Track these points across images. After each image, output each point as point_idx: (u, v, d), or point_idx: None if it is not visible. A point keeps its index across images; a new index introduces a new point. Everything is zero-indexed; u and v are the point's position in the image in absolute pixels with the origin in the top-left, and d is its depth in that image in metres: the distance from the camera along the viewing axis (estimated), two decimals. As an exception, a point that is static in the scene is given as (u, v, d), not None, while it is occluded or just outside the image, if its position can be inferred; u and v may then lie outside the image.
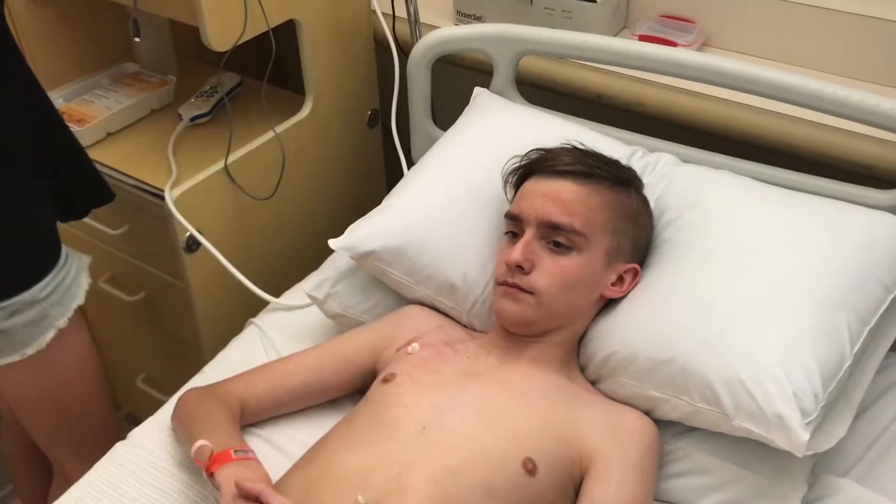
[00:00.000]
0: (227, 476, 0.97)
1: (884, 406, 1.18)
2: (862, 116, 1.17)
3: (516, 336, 1.13)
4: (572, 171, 1.11)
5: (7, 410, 1.56)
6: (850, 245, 1.08)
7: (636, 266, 1.13)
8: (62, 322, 1.26)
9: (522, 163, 1.18)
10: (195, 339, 1.64)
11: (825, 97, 1.18)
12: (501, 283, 1.11)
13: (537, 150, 1.18)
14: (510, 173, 1.20)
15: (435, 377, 1.08)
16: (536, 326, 1.11)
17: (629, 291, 1.13)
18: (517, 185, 1.19)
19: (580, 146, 1.18)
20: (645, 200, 1.19)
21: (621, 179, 1.15)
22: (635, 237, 1.14)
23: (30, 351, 1.24)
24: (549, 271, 1.08)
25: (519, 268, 1.08)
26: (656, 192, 1.24)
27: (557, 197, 1.09)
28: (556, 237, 1.08)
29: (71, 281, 1.27)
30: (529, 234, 1.10)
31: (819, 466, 1.10)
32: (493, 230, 1.23)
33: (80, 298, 1.29)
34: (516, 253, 1.08)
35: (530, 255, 1.08)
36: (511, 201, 1.17)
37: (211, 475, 1.00)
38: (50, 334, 1.24)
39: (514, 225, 1.13)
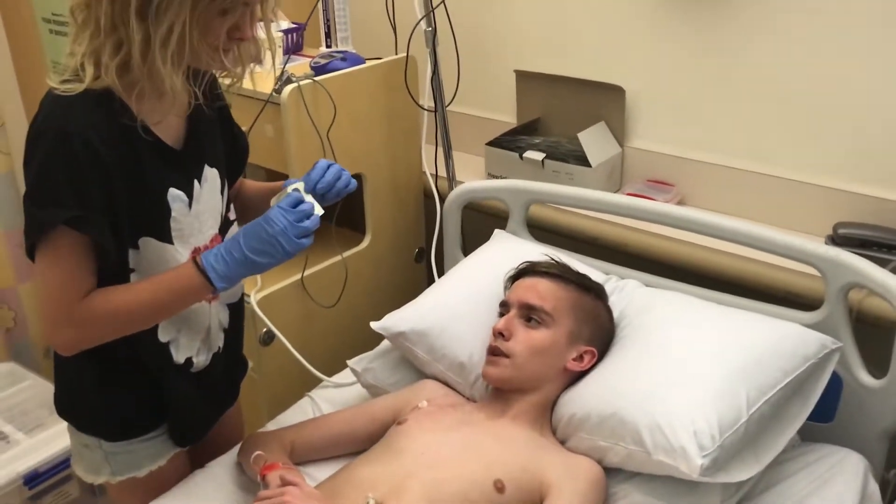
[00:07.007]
0: (275, 475, 1.32)
1: (783, 489, 1.43)
2: (785, 252, 1.53)
3: (502, 396, 1.47)
4: (547, 272, 1.52)
5: None
6: (757, 339, 1.42)
7: (593, 349, 1.47)
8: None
9: (515, 269, 1.59)
10: (260, 423, 1.99)
11: (763, 238, 1.56)
12: (488, 353, 1.47)
13: (527, 261, 1.58)
14: (507, 279, 1.60)
15: (436, 423, 1.43)
16: (512, 383, 1.45)
17: (588, 369, 1.47)
18: (508, 286, 1.59)
19: (557, 259, 1.57)
20: (607, 307, 1.55)
21: (585, 285, 1.53)
22: (594, 328, 1.49)
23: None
24: (523, 339, 1.45)
25: (500, 335, 1.45)
26: (621, 306, 1.60)
27: (535, 287, 1.49)
28: (531, 314, 1.46)
29: (100, 461, 1.40)
30: (512, 312, 1.48)
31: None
32: (496, 325, 1.60)
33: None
34: (500, 323, 1.47)
35: (510, 327, 1.46)
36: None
37: (262, 477, 1.34)
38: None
39: (504, 309, 1.52)
